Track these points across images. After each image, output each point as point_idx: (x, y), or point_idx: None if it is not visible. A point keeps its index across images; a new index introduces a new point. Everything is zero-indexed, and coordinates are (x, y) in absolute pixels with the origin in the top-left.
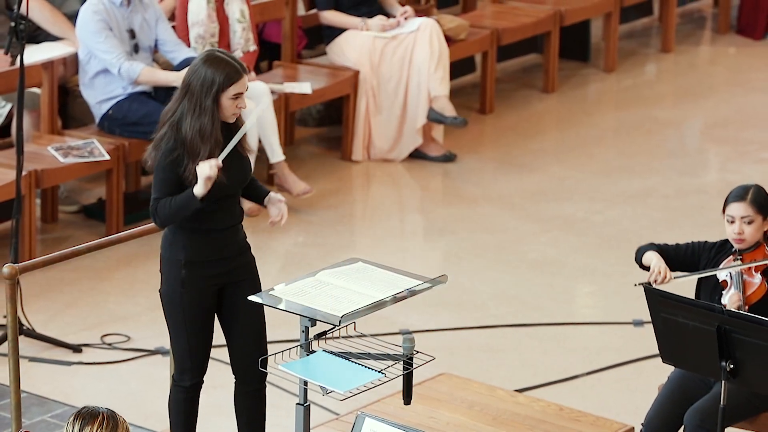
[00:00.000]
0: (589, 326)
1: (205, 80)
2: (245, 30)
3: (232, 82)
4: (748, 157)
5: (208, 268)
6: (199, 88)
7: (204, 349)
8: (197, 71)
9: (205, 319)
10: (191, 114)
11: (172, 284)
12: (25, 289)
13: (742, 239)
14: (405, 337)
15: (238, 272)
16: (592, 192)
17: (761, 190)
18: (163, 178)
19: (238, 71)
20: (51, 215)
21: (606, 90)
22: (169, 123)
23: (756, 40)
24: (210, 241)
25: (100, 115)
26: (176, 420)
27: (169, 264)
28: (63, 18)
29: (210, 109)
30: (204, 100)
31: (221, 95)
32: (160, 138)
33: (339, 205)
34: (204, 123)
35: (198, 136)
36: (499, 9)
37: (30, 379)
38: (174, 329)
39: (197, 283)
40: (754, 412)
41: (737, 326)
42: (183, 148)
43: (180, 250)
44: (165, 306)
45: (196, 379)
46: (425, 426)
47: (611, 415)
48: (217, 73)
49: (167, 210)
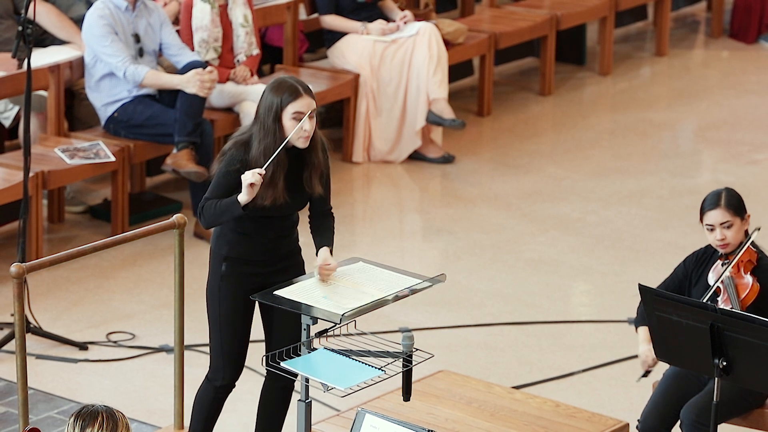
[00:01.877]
0: (584, 324)
1: (268, 103)
2: (248, 34)
3: (291, 100)
4: (740, 159)
5: (249, 266)
6: (264, 112)
7: (237, 350)
8: (264, 98)
9: (241, 316)
10: (258, 136)
11: (214, 277)
12: (32, 287)
13: (726, 244)
14: (404, 335)
15: (283, 273)
16: (587, 192)
17: (732, 192)
18: (218, 182)
19: (297, 90)
20: (57, 215)
21: (601, 93)
22: (239, 141)
23: (748, 43)
24: (254, 241)
25: (105, 118)
26: (198, 415)
27: (213, 257)
28: (69, 22)
29: (272, 129)
30: (267, 121)
31: (282, 114)
32: (224, 152)
33: (340, 206)
34: (268, 143)
35: (263, 156)
36: (497, 13)
37: (37, 376)
38: (212, 323)
39: (236, 278)
40: (746, 408)
41: (730, 324)
42: (246, 166)
43: (224, 244)
44: (207, 299)
45: (227, 381)
46: (424, 422)
47: (606, 411)
48: (278, 95)
49: (212, 210)
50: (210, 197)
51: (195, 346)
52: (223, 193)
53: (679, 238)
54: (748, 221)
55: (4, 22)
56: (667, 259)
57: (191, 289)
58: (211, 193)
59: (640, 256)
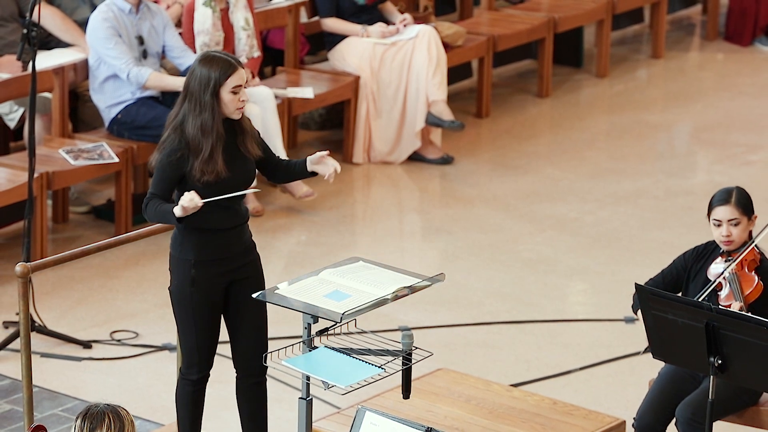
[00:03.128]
0: (581, 323)
1: (202, 78)
2: (249, 37)
3: (228, 75)
4: (735, 160)
5: (217, 266)
6: (198, 87)
7: (212, 345)
8: (194, 73)
9: (214, 315)
10: (192, 113)
11: (182, 282)
12: (36, 287)
13: (731, 241)
14: (404, 334)
15: (245, 270)
16: (584, 193)
17: (743, 192)
18: (161, 176)
19: (233, 64)
20: (62, 216)
21: (598, 94)
22: (173, 126)
23: (743, 46)
24: (217, 240)
25: (109, 119)
26: (183, 412)
27: (178, 263)
28: (74, 25)
29: (210, 104)
30: (203, 97)
31: (220, 89)
32: (163, 140)
33: (340, 206)
34: (205, 118)
35: (200, 132)
36: (495, 16)
37: (42, 374)
38: (183, 326)
39: (206, 282)
40: (741, 405)
41: (725, 323)
42: (187, 149)
43: (190, 250)
44: (174, 303)
45: (203, 373)
46: (424, 419)
47: (603, 409)
48: (213, 69)
49: (152, 211)
50: (154, 192)
51: None
52: (167, 186)
53: (674, 237)
54: (754, 222)
55: (9, 25)
56: (663, 258)
57: None
58: (154, 187)
59: (636, 255)
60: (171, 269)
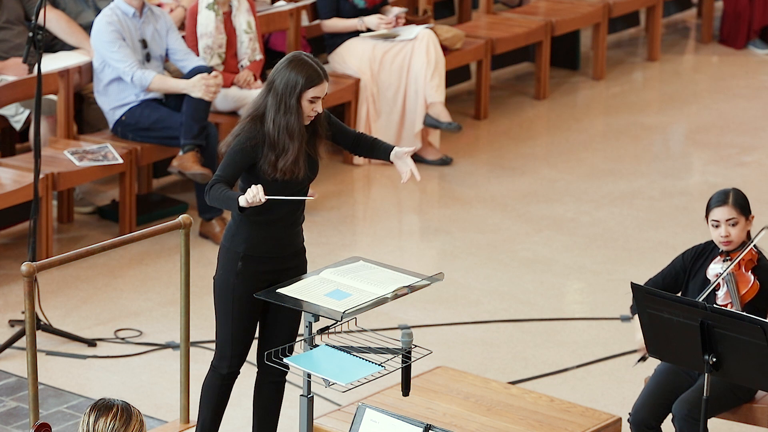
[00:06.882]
0: (578, 321)
1: (289, 81)
2: (252, 40)
3: (313, 85)
4: (729, 161)
5: (264, 263)
6: (283, 88)
7: (245, 339)
8: (281, 72)
9: (253, 311)
10: (275, 111)
11: (227, 273)
12: (42, 286)
13: (729, 241)
14: (404, 332)
15: (290, 272)
16: (580, 194)
17: (740, 193)
18: (231, 160)
19: (320, 75)
20: (67, 216)
21: (594, 97)
22: (252, 115)
23: (737, 49)
24: (270, 238)
25: (113, 121)
26: (206, 404)
27: (227, 253)
28: (78, 28)
29: (294, 108)
30: (288, 100)
31: (302, 96)
32: (240, 128)
33: (341, 207)
34: (291, 121)
35: (285, 133)
36: (494, 20)
37: (47, 371)
38: (221, 316)
39: (251, 276)
40: (736, 402)
41: (719, 321)
42: (263, 140)
43: (241, 242)
44: (216, 293)
45: (233, 369)
46: (423, 416)
47: (599, 406)
48: (300, 74)
49: (216, 194)
50: (221, 175)
51: (200, 342)
52: (234, 172)
53: (669, 237)
54: (751, 222)
55: (15, 28)
56: (658, 258)
57: (197, 287)
58: (222, 170)
59: (632, 255)
60: (219, 258)
